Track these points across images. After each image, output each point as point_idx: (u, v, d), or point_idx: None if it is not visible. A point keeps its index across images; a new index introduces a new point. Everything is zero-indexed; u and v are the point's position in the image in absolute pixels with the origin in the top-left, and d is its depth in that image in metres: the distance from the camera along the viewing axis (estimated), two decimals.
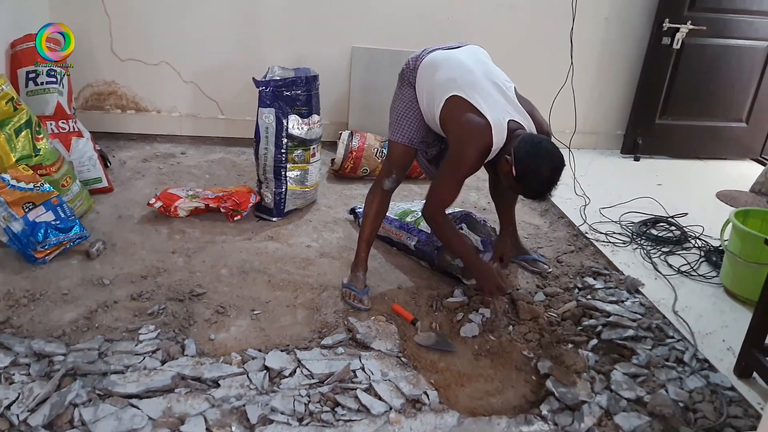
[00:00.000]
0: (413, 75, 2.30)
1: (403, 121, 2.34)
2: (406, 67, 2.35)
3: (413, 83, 2.31)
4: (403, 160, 2.40)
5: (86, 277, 2.39)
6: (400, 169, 2.40)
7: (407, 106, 2.33)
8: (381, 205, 2.46)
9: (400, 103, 2.35)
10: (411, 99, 2.33)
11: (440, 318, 2.33)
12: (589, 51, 4.18)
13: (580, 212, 3.40)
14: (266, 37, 3.87)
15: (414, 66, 2.30)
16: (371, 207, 2.45)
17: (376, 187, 2.46)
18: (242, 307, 2.30)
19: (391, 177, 2.40)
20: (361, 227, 2.49)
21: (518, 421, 1.85)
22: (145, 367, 1.89)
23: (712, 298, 2.65)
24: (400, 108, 2.35)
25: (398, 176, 2.41)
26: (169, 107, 3.99)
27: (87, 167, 3.04)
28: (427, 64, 2.28)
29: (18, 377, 1.80)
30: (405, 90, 2.35)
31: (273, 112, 2.86)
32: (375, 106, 4.02)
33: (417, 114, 2.33)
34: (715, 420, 1.89)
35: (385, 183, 2.42)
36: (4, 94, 2.56)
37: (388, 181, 2.41)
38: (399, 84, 2.39)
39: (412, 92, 2.32)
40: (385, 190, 2.43)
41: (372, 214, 2.46)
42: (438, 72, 2.23)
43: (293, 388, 1.87)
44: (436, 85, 2.22)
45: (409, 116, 2.33)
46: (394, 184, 2.43)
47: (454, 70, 2.22)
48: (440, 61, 2.26)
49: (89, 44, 3.69)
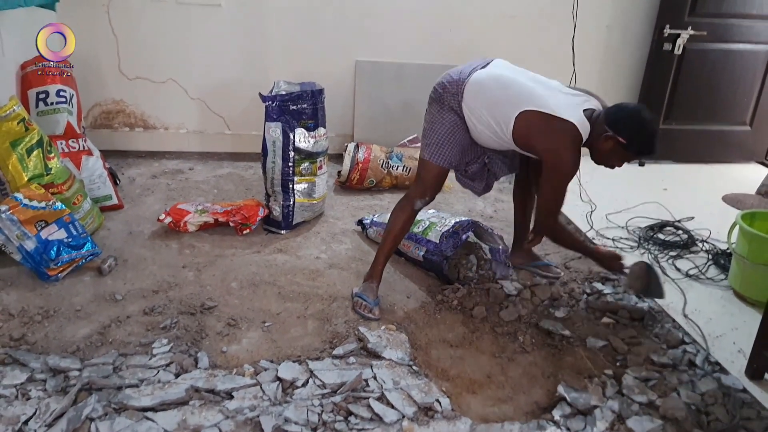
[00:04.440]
0: (455, 99, 2.29)
1: (446, 146, 2.34)
2: (444, 92, 2.32)
3: (455, 107, 2.30)
4: (439, 182, 2.43)
5: (98, 293, 2.42)
6: (434, 191, 2.44)
7: (449, 131, 2.33)
8: (408, 222, 2.48)
9: (441, 127, 2.33)
10: (453, 124, 2.32)
11: (447, 320, 2.35)
12: (591, 59, 4.21)
13: (587, 218, 3.41)
14: (271, 53, 3.92)
15: (456, 90, 2.28)
16: (397, 223, 2.46)
17: (406, 204, 2.45)
18: (253, 319, 2.32)
19: (425, 199, 2.42)
20: (384, 241, 2.50)
21: (531, 426, 1.85)
22: (159, 381, 1.91)
23: (721, 301, 2.65)
24: (442, 132, 2.33)
25: (431, 198, 2.44)
26: (176, 124, 4.04)
27: (97, 185, 3.07)
28: (473, 86, 2.26)
29: (34, 393, 1.82)
30: (446, 115, 2.32)
31: (280, 126, 2.89)
32: (380, 118, 4.07)
33: (460, 138, 2.34)
34: (728, 422, 1.89)
35: (418, 203, 2.43)
36: (16, 114, 2.60)
37: (420, 202, 2.42)
38: (438, 108, 2.35)
39: (454, 117, 2.31)
40: (416, 210, 2.45)
41: (397, 230, 2.47)
42: (490, 92, 2.25)
43: (306, 399, 1.88)
44: (495, 105, 2.24)
45: (452, 141, 2.34)
46: (425, 204, 2.45)
47: (507, 87, 2.24)
48: (486, 81, 2.27)
49: (97, 64, 3.75)
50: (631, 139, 2.16)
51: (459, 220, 2.75)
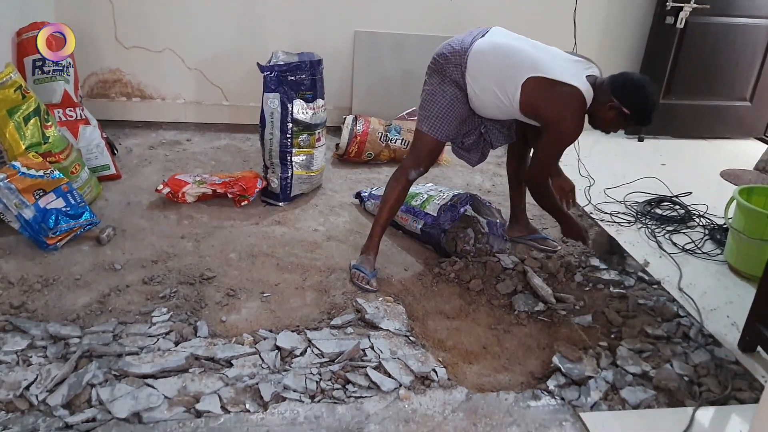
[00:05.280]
0: (458, 70, 2.28)
1: (444, 120, 2.34)
2: (445, 63, 2.30)
3: (457, 78, 2.29)
4: (434, 154, 2.44)
5: (98, 262, 2.42)
6: (429, 163, 2.45)
7: (449, 104, 2.32)
8: (402, 193, 2.48)
9: (441, 100, 2.32)
10: (454, 97, 2.32)
11: (444, 292, 2.37)
12: (593, 31, 4.17)
13: (585, 193, 3.42)
14: (269, 23, 3.88)
15: (459, 61, 2.27)
16: (392, 194, 2.46)
17: (401, 175, 2.45)
18: (252, 289, 2.33)
19: (419, 170, 2.42)
20: (379, 212, 2.50)
21: (525, 396, 1.88)
22: (159, 348, 1.93)
23: (716, 275, 2.68)
24: (442, 105, 2.33)
25: (426, 169, 2.45)
26: (173, 94, 4.00)
27: (95, 154, 3.06)
28: (477, 56, 2.26)
29: (35, 359, 1.84)
30: (447, 87, 2.31)
31: (278, 97, 2.87)
32: (378, 90, 4.04)
33: (459, 111, 2.34)
34: (720, 393, 1.92)
35: (412, 174, 2.43)
36: (13, 82, 2.58)
37: (415, 172, 2.42)
38: (438, 79, 2.33)
39: (455, 90, 2.31)
40: (410, 180, 2.45)
41: (392, 202, 2.47)
42: (494, 61, 2.25)
43: (305, 367, 1.91)
44: (500, 74, 2.24)
45: (451, 114, 2.34)
46: (420, 175, 2.45)
47: (511, 55, 2.25)
48: (490, 50, 2.27)
49: (93, 32, 3.70)
50: (635, 111, 2.23)
51: (457, 194, 2.76)
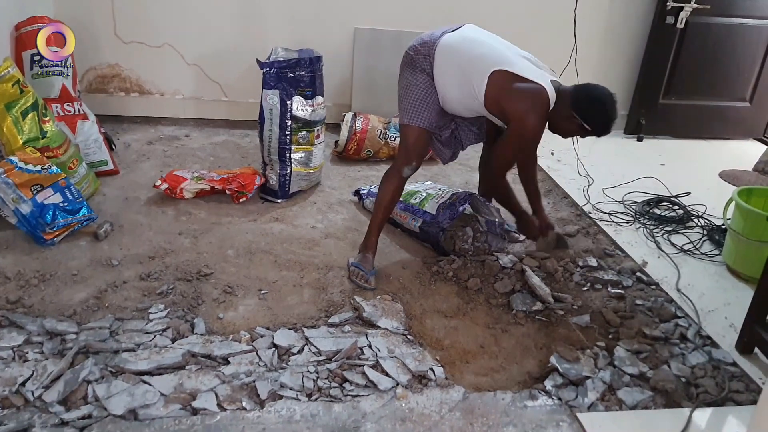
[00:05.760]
0: (427, 61, 2.31)
1: (421, 107, 2.35)
2: (415, 54, 2.35)
3: (427, 69, 2.32)
4: (422, 146, 2.44)
5: (95, 258, 2.42)
6: (419, 156, 2.44)
7: (424, 92, 2.34)
8: (397, 191, 2.48)
9: (416, 89, 2.35)
10: (428, 84, 2.34)
11: (442, 291, 2.37)
12: (593, 31, 4.16)
13: (584, 192, 3.41)
14: (269, 19, 3.86)
15: (428, 53, 2.30)
16: (387, 193, 2.46)
17: (393, 174, 2.45)
18: (249, 287, 2.33)
19: (411, 165, 2.42)
20: (375, 212, 2.50)
21: (522, 396, 1.88)
22: (156, 345, 1.92)
23: (714, 276, 2.67)
24: (417, 94, 2.35)
25: (418, 163, 2.44)
26: (172, 90, 3.99)
27: (93, 150, 3.05)
28: (445, 48, 2.29)
29: (31, 355, 1.83)
30: (419, 76, 2.35)
31: (277, 93, 2.87)
32: (378, 88, 4.02)
33: (434, 99, 2.36)
34: (717, 394, 1.92)
35: (405, 171, 2.43)
36: (11, 76, 2.56)
37: (407, 168, 2.43)
38: (410, 71, 2.37)
39: (427, 78, 2.33)
40: (404, 178, 2.45)
41: (387, 201, 2.47)
42: (462, 54, 2.27)
43: (302, 365, 1.90)
44: (468, 66, 2.25)
45: (427, 101, 2.35)
46: (413, 171, 2.45)
47: (479, 48, 2.28)
48: (458, 43, 2.29)
49: (92, 27, 3.69)
50: (595, 126, 2.28)
51: (456, 192, 2.75)
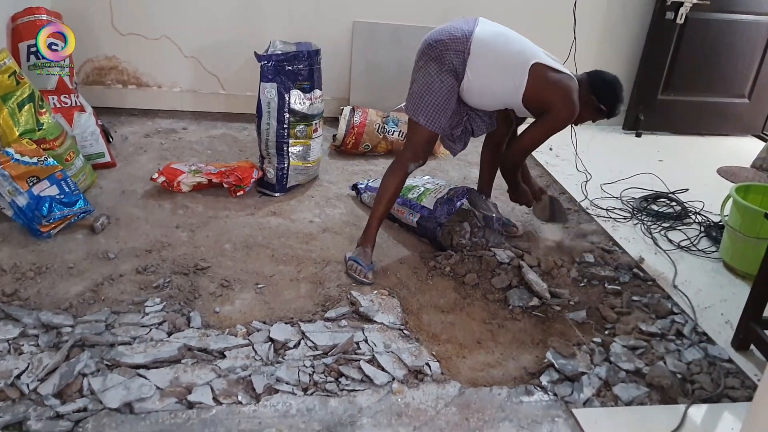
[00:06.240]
0: (459, 57, 2.28)
1: (440, 112, 2.34)
2: (444, 49, 2.29)
3: (458, 66, 2.29)
4: (430, 146, 2.47)
5: (91, 251, 2.41)
6: (427, 154, 2.46)
7: (446, 96, 2.33)
8: (399, 186, 2.48)
9: (439, 91, 2.32)
10: (451, 88, 2.32)
11: (439, 286, 2.37)
12: (592, 26, 4.15)
13: (582, 188, 3.41)
14: (267, 12, 3.84)
15: (462, 48, 2.27)
16: (390, 187, 2.46)
17: (398, 168, 2.44)
18: (246, 281, 2.32)
19: (418, 162, 2.44)
20: (376, 205, 2.49)
21: (518, 391, 1.88)
22: (152, 339, 1.92)
23: (711, 273, 2.68)
24: (439, 97, 2.32)
25: (424, 161, 2.46)
26: (170, 82, 3.98)
27: (90, 142, 3.04)
28: (480, 44, 2.29)
29: (27, 348, 1.83)
30: (445, 77, 2.31)
31: (275, 86, 2.85)
32: (376, 82, 4.01)
33: (453, 103, 2.37)
34: (713, 391, 1.92)
35: (411, 167, 2.43)
36: (7, 67, 2.55)
37: (414, 165, 2.43)
38: (437, 68, 2.31)
39: (452, 80, 2.31)
40: (408, 173, 2.46)
41: (389, 194, 2.47)
42: (497, 49, 2.31)
43: (298, 359, 1.90)
44: (508, 60, 2.30)
45: (447, 107, 2.35)
46: (418, 167, 2.46)
47: (513, 43, 2.34)
48: (492, 39, 2.32)
49: (90, 19, 3.67)
50: (611, 108, 2.43)
51: (454, 187, 2.75)
